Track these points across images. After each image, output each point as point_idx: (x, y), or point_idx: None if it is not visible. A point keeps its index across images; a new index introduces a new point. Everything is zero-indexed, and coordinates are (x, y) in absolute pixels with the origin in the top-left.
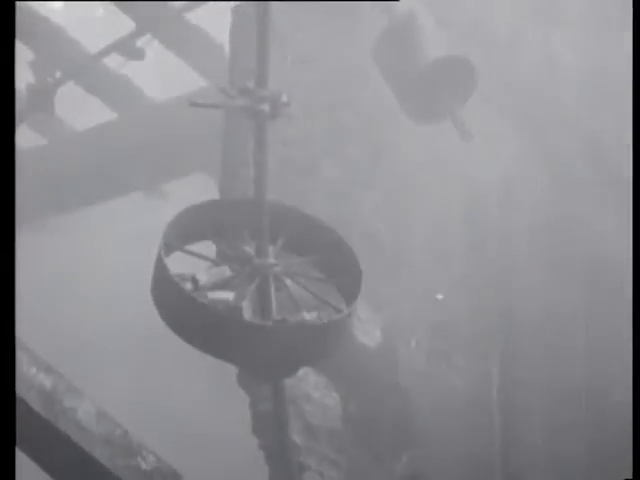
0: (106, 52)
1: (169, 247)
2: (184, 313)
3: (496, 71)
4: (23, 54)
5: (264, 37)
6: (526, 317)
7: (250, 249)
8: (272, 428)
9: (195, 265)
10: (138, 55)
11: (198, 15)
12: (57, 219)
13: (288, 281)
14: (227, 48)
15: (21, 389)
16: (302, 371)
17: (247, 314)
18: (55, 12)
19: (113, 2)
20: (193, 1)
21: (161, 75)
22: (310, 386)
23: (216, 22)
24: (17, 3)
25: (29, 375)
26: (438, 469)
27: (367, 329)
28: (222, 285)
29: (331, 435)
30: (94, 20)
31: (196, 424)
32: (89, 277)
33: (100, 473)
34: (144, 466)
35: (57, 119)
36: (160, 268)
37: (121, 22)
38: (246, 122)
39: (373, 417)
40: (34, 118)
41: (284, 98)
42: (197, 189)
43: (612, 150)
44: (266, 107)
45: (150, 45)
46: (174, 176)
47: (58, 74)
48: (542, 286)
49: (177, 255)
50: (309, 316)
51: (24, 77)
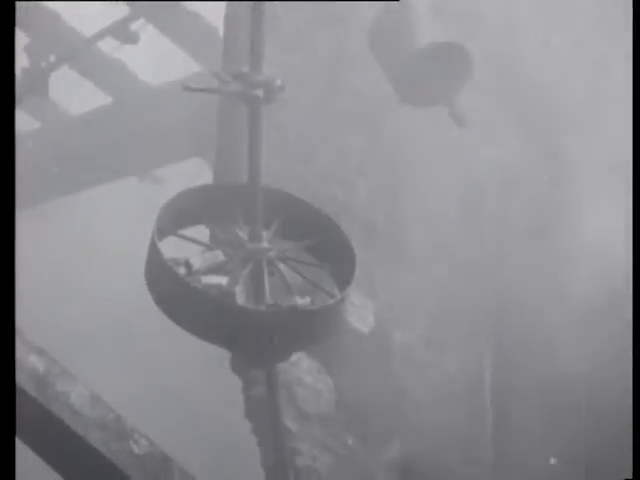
0: (100, 36)
1: (162, 231)
2: (177, 297)
3: (492, 58)
4: (18, 38)
5: (259, 22)
6: (522, 304)
7: (244, 234)
8: (265, 413)
9: (189, 250)
10: (132, 39)
11: None
12: (50, 203)
13: (281, 266)
14: (222, 33)
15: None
16: (295, 356)
17: (240, 299)
18: None
19: None
20: None
21: (155, 59)
22: (303, 371)
23: (210, 7)
24: None
25: (22, 358)
26: (430, 454)
27: (361, 314)
28: (215, 270)
29: (324, 420)
30: (88, 4)
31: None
32: (82, 261)
33: (93, 457)
34: (136, 450)
35: (51, 103)
36: (153, 252)
37: (115, 6)
38: (240, 107)
39: (366, 402)
40: (28, 102)
41: (278, 83)
42: (191, 174)
43: (611, 137)
44: (260, 92)
45: (144, 29)
46: (168, 160)
47: (52, 58)
48: (539, 273)
49: (171, 239)
50: (302, 301)
51: (19, 61)
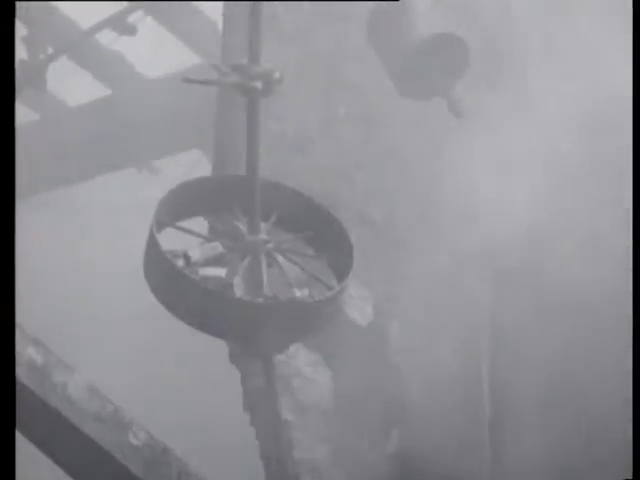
0: (98, 28)
1: (161, 223)
2: (176, 289)
3: (491, 50)
4: (16, 30)
5: (257, 13)
6: (519, 292)
7: (242, 226)
8: (263, 405)
9: (187, 241)
10: (130, 31)
11: None
12: (48, 195)
13: (280, 258)
14: (220, 25)
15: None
16: (293, 348)
17: (239, 291)
18: None
19: None
20: None
21: (153, 51)
22: (301, 363)
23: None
24: None
25: (19, 349)
26: (428, 446)
27: (358, 306)
28: (214, 261)
29: (322, 412)
30: None
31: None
32: (80, 253)
33: (90, 448)
34: (135, 442)
35: (49, 94)
36: (152, 244)
37: None
38: (239, 99)
39: (364, 394)
40: (26, 93)
41: (277, 75)
42: (190, 166)
43: (611, 128)
44: (259, 84)
45: (142, 21)
46: (167, 152)
47: (50, 50)
48: (537, 260)
49: (169, 231)
50: (300, 293)
51: (17, 53)
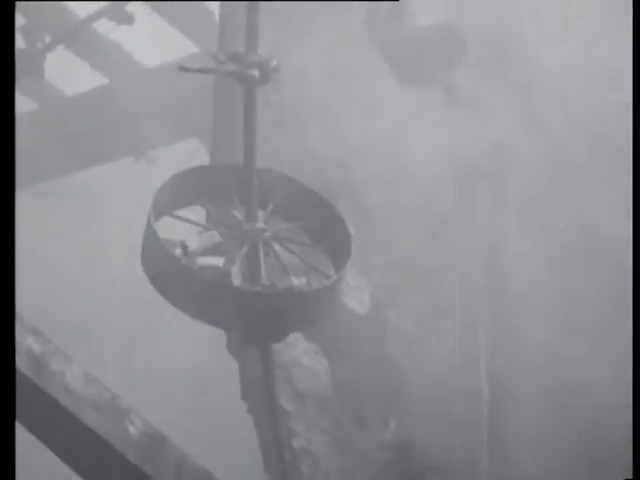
0: (96, 17)
1: (159, 212)
2: (173, 279)
3: (488, 38)
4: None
5: (255, 3)
6: (516, 283)
7: (239, 214)
8: (261, 394)
9: (185, 230)
10: (128, 20)
11: None
12: (46, 184)
13: (277, 247)
14: (217, 13)
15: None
16: (291, 337)
17: (236, 280)
18: None
19: None
20: None
21: (151, 41)
22: (299, 352)
23: None
24: None
25: (18, 339)
26: (426, 435)
27: (356, 295)
28: (212, 250)
29: (320, 401)
30: None
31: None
32: (78, 242)
33: (88, 436)
34: (132, 430)
35: (47, 84)
36: (150, 233)
37: None
38: (237, 88)
39: (362, 383)
40: (24, 83)
41: (274, 63)
42: (188, 155)
43: (608, 121)
44: (256, 72)
45: (140, 10)
46: (165, 142)
47: (48, 39)
48: (533, 253)
49: (167, 220)
50: (298, 282)
51: (14, 42)
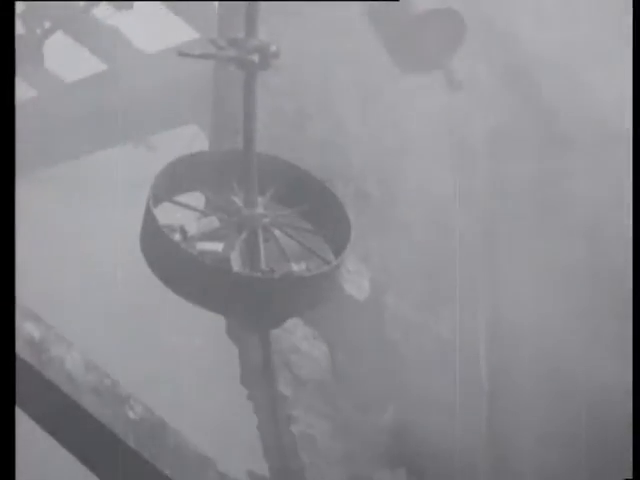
0: (95, 2)
1: (158, 198)
2: (173, 264)
3: (486, 23)
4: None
5: None
6: (513, 266)
7: (239, 200)
8: (260, 379)
9: (184, 216)
10: (127, 5)
11: None
12: (45, 171)
13: (277, 232)
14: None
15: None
16: (290, 322)
17: (235, 265)
18: None
19: None
20: None
21: (150, 26)
22: (298, 337)
23: None
24: None
25: (18, 324)
26: (425, 420)
27: (356, 281)
28: (211, 236)
29: (319, 386)
30: None
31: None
32: (77, 228)
33: (88, 422)
34: (132, 416)
35: (46, 70)
36: (149, 219)
37: None
38: (236, 74)
39: (361, 368)
40: (23, 69)
41: (273, 48)
42: (187, 140)
43: (606, 104)
44: (255, 57)
45: None
46: (164, 127)
47: (47, 25)
48: (531, 235)
49: (166, 206)
50: (297, 267)
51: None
